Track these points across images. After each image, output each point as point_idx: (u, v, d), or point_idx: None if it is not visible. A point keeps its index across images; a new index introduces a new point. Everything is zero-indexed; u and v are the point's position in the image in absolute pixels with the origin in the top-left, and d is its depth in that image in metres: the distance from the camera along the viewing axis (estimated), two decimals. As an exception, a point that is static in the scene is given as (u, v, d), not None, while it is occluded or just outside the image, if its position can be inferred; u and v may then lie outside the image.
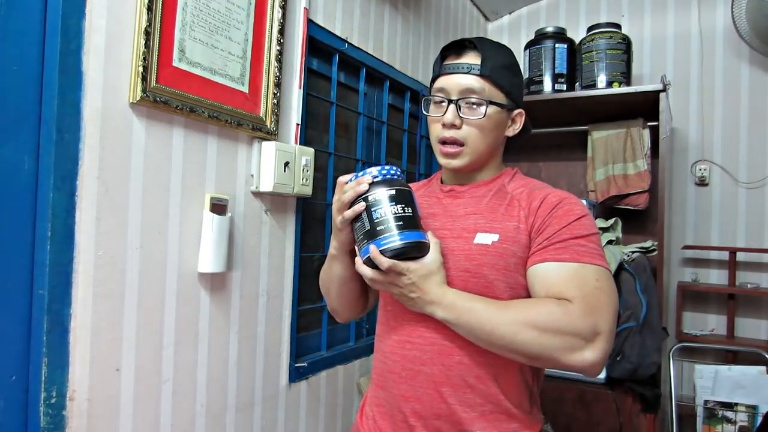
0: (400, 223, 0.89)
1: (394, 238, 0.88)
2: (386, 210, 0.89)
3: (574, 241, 0.93)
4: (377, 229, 0.89)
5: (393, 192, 0.91)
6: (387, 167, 0.94)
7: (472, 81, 0.99)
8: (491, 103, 1.00)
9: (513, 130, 1.07)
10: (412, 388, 0.98)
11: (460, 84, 1.00)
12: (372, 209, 0.90)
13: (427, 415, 0.97)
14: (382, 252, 0.89)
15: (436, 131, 1.04)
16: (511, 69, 1.04)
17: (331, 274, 1.07)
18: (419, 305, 0.93)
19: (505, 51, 1.05)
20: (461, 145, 1.01)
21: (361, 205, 0.91)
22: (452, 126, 1.00)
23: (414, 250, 0.90)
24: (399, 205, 0.90)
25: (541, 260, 0.93)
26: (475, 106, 1.00)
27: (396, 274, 0.90)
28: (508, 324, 0.88)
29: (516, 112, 1.06)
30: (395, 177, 0.94)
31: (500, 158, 1.10)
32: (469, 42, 1.01)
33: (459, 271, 0.97)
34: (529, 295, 0.97)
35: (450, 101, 1.00)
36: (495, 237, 0.97)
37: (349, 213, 0.92)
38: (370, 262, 0.91)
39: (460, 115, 1.00)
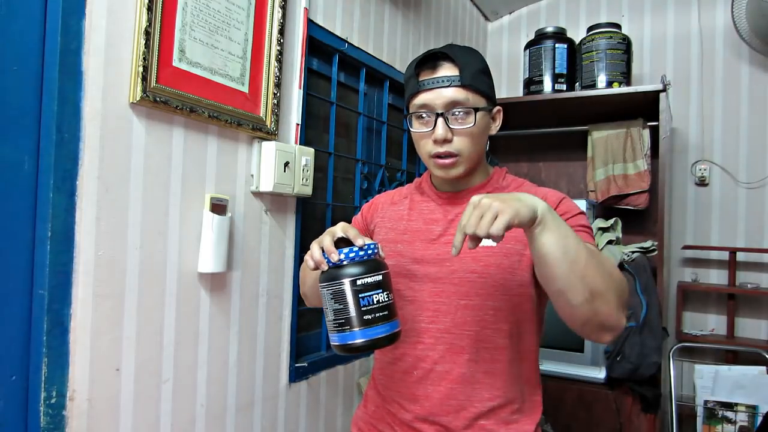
0: (385, 313, 0.85)
1: (383, 329, 0.84)
2: (376, 297, 0.85)
3: (581, 228, 0.97)
4: (364, 318, 0.84)
5: (380, 277, 0.86)
6: (370, 243, 0.88)
7: (456, 93, 0.99)
8: (477, 110, 1.00)
9: (495, 128, 1.08)
10: (422, 386, 1.02)
11: (444, 97, 0.99)
12: (360, 295, 0.84)
13: (437, 411, 1.01)
14: (361, 343, 0.84)
15: (427, 147, 1.03)
16: (485, 71, 1.05)
17: (309, 272, 1.08)
18: (524, 208, 0.79)
19: (476, 54, 1.06)
20: (455, 155, 1.01)
21: (346, 287, 0.84)
22: (444, 141, 1.00)
23: (395, 339, 0.88)
24: (385, 292, 0.86)
25: None
26: (462, 117, 1.00)
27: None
28: (591, 253, 0.85)
29: (495, 110, 1.07)
30: (377, 257, 0.89)
31: (485, 156, 1.12)
32: (442, 54, 1.01)
33: (467, 273, 1.01)
34: (537, 292, 1.00)
35: (437, 115, 1.00)
36: None
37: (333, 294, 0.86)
38: (346, 348, 0.85)
39: (450, 127, 1.00)
